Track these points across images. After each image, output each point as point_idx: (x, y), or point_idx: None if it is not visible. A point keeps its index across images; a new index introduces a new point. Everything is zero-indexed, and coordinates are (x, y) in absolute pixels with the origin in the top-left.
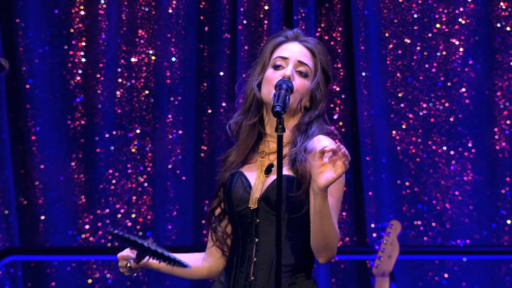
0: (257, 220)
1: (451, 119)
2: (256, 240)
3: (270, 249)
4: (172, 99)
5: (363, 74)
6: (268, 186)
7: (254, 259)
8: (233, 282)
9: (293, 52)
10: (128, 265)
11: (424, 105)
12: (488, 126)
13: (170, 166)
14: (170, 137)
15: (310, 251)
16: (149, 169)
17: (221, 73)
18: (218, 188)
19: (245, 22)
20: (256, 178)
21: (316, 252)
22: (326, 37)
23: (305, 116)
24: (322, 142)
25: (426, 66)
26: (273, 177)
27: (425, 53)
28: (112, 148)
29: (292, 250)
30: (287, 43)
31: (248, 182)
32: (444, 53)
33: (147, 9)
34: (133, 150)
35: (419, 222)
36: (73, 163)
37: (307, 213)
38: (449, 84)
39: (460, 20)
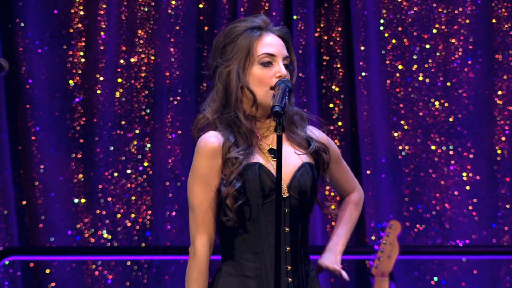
0: (286, 210)
1: (451, 119)
2: (287, 229)
3: (300, 237)
4: (171, 99)
5: (363, 74)
6: (294, 174)
7: (287, 248)
8: (270, 275)
9: (278, 48)
10: None
11: (424, 105)
12: (488, 126)
13: (169, 166)
14: (170, 137)
15: None
16: (148, 169)
17: None
18: (239, 171)
19: None
20: (272, 166)
21: None
22: (326, 37)
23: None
24: (321, 133)
25: (426, 66)
26: (290, 163)
27: (424, 53)
28: (112, 148)
29: (307, 235)
30: (266, 36)
31: (271, 173)
32: (443, 53)
33: (146, 9)
34: (133, 150)
35: (419, 222)
36: (72, 163)
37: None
38: (448, 84)
39: (459, 20)
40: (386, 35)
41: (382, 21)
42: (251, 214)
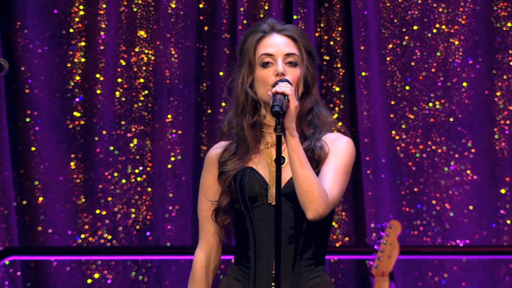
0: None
1: (451, 119)
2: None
3: (295, 244)
4: (171, 99)
5: (363, 74)
6: (288, 181)
7: (275, 254)
8: (254, 278)
9: (277, 46)
10: None
11: (424, 105)
12: (488, 126)
13: (169, 166)
14: (170, 137)
15: (326, 244)
16: (148, 169)
17: (221, 73)
18: (227, 185)
19: (245, 22)
20: (269, 171)
21: (302, 204)
22: (326, 37)
23: (302, 104)
24: (337, 137)
25: (426, 66)
26: (287, 170)
27: (424, 53)
28: (112, 148)
29: (311, 243)
30: (267, 38)
31: (262, 178)
32: (443, 53)
33: (146, 9)
34: (133, 150)
35: (419, 222)
36: (72, 163)
37: None
38: (448, 84)
39: (459, 20)
40: (386, 35)
41: (382, 21)
42: (243, 219)
